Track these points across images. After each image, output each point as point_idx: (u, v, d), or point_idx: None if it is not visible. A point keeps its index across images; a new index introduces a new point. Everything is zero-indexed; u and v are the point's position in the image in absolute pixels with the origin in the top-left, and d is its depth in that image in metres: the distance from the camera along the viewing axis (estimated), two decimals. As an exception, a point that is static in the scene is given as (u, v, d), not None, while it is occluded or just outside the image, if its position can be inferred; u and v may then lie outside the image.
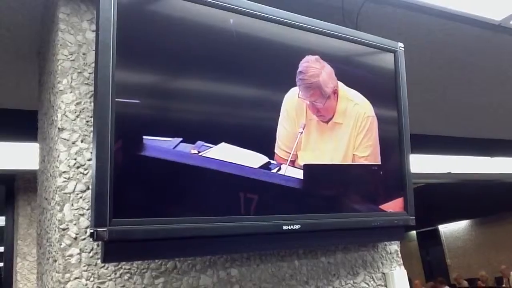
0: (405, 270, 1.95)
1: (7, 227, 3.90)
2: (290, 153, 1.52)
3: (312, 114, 1.59)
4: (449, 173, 5.42)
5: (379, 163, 1.74)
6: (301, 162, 1.54)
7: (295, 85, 1.57)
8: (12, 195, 3.87)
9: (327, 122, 1.63)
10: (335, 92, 1.64)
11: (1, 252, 4.20)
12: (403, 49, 1.88)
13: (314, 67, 1.61)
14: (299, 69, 1.58)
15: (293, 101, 1.56)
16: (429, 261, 12.96)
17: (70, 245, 1.31)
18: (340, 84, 1.67)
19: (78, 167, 1.38)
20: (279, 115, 1.53)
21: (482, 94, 3.62)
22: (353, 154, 1.67)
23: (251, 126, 1.50)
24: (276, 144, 1.50)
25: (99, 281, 1.32)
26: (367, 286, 1.84)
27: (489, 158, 5.26)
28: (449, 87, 3.39)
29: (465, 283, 10.31)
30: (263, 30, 1.56)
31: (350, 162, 1.66)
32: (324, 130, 1.62)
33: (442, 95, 3.55)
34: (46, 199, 1.57)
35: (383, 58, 1.85)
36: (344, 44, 1.73)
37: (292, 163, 1.52)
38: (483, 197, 9.77)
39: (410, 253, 12.56)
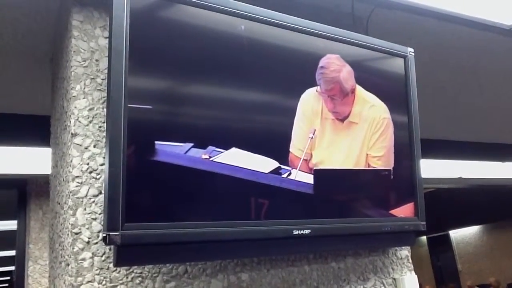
0: (416, 276, 1.94)
1: (19, 231, 3.94)
2: (308, 152, 1.53)
3: (328, 112, 1.61)
4: (460, 178, 5.38)
5: (393, 165, 1.74)
6: (314, 160, 1.55)
7: (309, 87, 1.58)
8: (24, 199, 3.91)
9: (342, 120, 1.64)
10: (353, 91, 1.67)
11: (13, 256, 4.25)
12: (413, 54, 1.88)
13: (335, 63, 1.65)
14: (320, 64, 1.62)
15: (309, 100, 1.58)
16: (439, 267, 12.83)
17: (82, 249, 1.32)
18: (358, 86, 1.68)
19: (90, 172, 1.39)
20: (290, 120, 1.53)
21: (493, 99, 3.60)
22: (367, 154, 1.67)
23: (262, 131, 1.51)
24: (291, 143, 1.51)
25: (111, 285, 1.33)
26: (377, 291, 1.84)
27: (501, 163, 5.21)
28: (460, 91, 3.37)
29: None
30: (274, 36, 1.57)
31: (363, 162, 1.66)
32: (340, 129, 1.63)
33: (452, 99, 3.54)
34: (59, 203, 1.59)
35: (393, 63, 1.85)
36: (354, 49, 1.73)
37: (306, 162, 1.53)
38: (495, 202, 9.67)
39: (420, 258, 12.45)
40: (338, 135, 1.62)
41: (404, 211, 1.76)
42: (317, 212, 1.56)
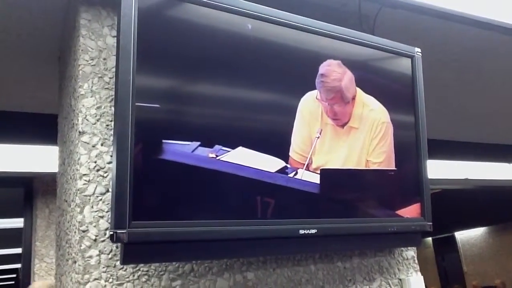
0: (422, 276, 1.94)
1: (25, 229, 3.96)
2: (306, 157, 1.52)
3: (327, 118, 1.60)
4: (466, 179, 5.35)
5: (393, 169, 1.73)
6: (315, 166, 1.54)
7: (311, 89, 1.58)
8: (31, 197, 3.92)
9: (342, 126, 1.63)
10: (354, 98, 1.65)
11: (20, 254, 4.27)
12: (420, 54, 1.88)
13: (336, 71, 1.62)
14: (321, 72, 1.59)
15: (308, 104, 1.57)
16: (445, 268, 12.78)
17: (89, 247, 1.33)
18: (358, 89, 1.68)
19: (98, 170, 1.40)
20: (295, 119, 1.53)
21: (500, 99, 3.59)
22: (367, 160, 1.67)
23: (269, 130, 1.51)
24: (291, 148, 1.51)
25: (118, 282, 1.34)
26: (383, 291, 1.83)
27: (507, 164, 5.18)
28: (467, 92, 3.36)
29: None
30: (280, 36, 1.57)
31: (363, 167, 1.66)
32: (339, 134, 1.62)
33: (459, 100, 3.52)
34: (66, 201, 1.60)
35: (400, 63, 1.84)
36: (361, 49, 1.73)
37: (307, 167, 1.53)
38: (501, 203, 9.61)
39: (426, 259, 12.40)
40: (338, 140, 1.61)
41: (411, 211, 1.75)
42: (323, 211, 1.56)
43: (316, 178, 1.54)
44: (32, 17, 1.88)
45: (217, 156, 1.36)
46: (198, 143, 1.34)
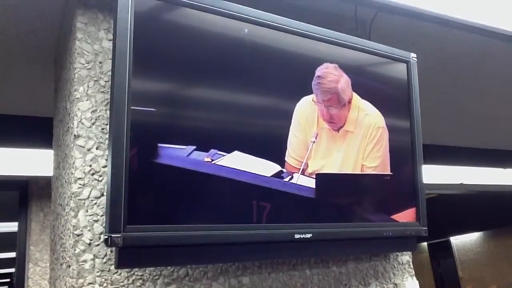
0: (417, 281, 1.94)
1: (19, 233, 3.93)
2: (301, 162, 1.52)
3: (323, 122, 1.60)
4: (462, 184, 5.37)
5: (389, 174, 1.74)
6: (310, 170, 1.54)
7: (306, 94, 1.58)
8: (25, 201, 3.90)
9: (337, 130, 1.63)
10: (350, 101, 1.66)
11: (14, 258, 4.25)
12: (415, 59, 1.89)
13: (333, 74, 1.63)
14: (317, 74, 1.60)
15: (304, 109, 1.57)
16: (440, 273, 12.79)
17: (84, 251, 1.32)
18: (354, 94, 1.68)
19: (93, 174, 1.39)
20: (291, 124, 1.54)
21: (495, 105, 3.60)
22: (362, 164, 1.67)
23: (265, 134, 1.51)
24: (287, 153, 1.51)
25: (112, 287, 1.33)
26: (378, 296, 1.83)
27: (502, 169, 5.20)
28: (462, 97, 3.38)
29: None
30: (277, 40, 1.57)
31: (358, 172, 1.66)
32: (335, 138, 1.62)
33: (454, 105, 3.54)
34: (61, 205, 1.59)
35: (395, 68, 1.85)
36: (357, 54, 1.73)
37: (303, 172, 1.53)
38: (496, 208, 9.64)
39: (421, 264, 12.40)
40: (334, 144, 1.62)
41: (406, 216, 1.75)
42: (318, 216, 1.56)
43: (311, 183, 1.54)
44: (28, 19, 1.88)
45: (212, 160, 1.36)
46: (194, 147, 1.34)
